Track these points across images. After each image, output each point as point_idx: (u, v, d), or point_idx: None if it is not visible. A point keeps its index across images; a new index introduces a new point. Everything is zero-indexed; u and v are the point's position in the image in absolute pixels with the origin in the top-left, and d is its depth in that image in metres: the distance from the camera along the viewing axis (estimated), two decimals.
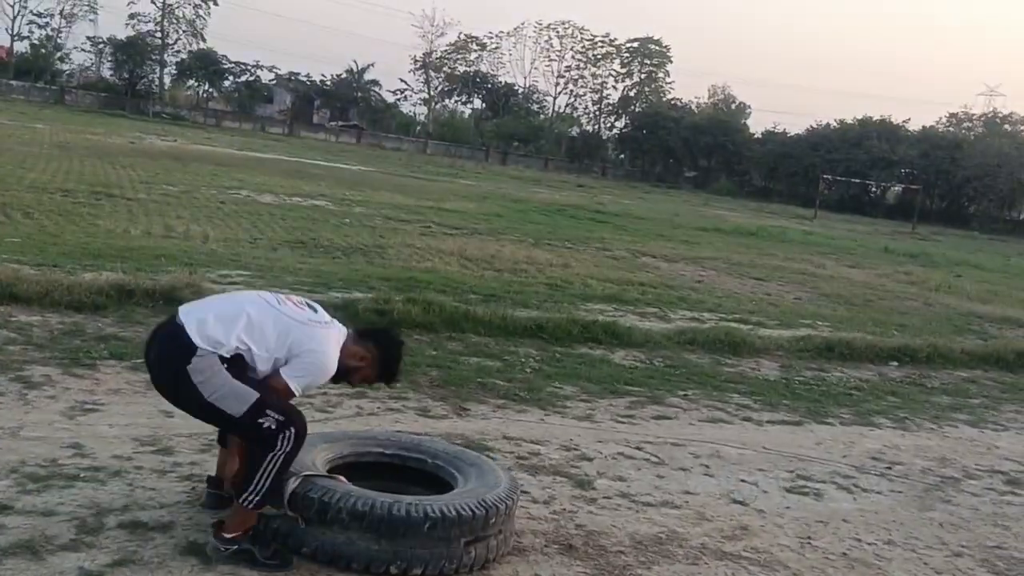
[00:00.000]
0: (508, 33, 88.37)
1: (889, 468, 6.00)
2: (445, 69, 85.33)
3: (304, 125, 74.19)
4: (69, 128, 35.54)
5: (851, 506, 5.18)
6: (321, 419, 5.42)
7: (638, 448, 5.67)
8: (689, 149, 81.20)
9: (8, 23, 70.40)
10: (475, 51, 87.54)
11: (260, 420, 3.52)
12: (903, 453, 6.40)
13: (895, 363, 9.59)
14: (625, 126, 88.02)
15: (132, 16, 73.98)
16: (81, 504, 3.77)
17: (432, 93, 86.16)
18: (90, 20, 74.56)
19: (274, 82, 78.93)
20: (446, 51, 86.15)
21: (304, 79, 79.81)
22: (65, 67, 73.28)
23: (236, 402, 3.52)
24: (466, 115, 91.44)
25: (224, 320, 3.61)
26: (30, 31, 70.44)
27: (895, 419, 7.36)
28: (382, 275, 10.87)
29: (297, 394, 3.67)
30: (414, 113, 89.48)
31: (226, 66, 74.89)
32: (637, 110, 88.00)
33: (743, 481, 5.35)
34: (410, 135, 79.70)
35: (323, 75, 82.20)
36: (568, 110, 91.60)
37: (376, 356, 3.88)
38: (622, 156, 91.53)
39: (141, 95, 70.15)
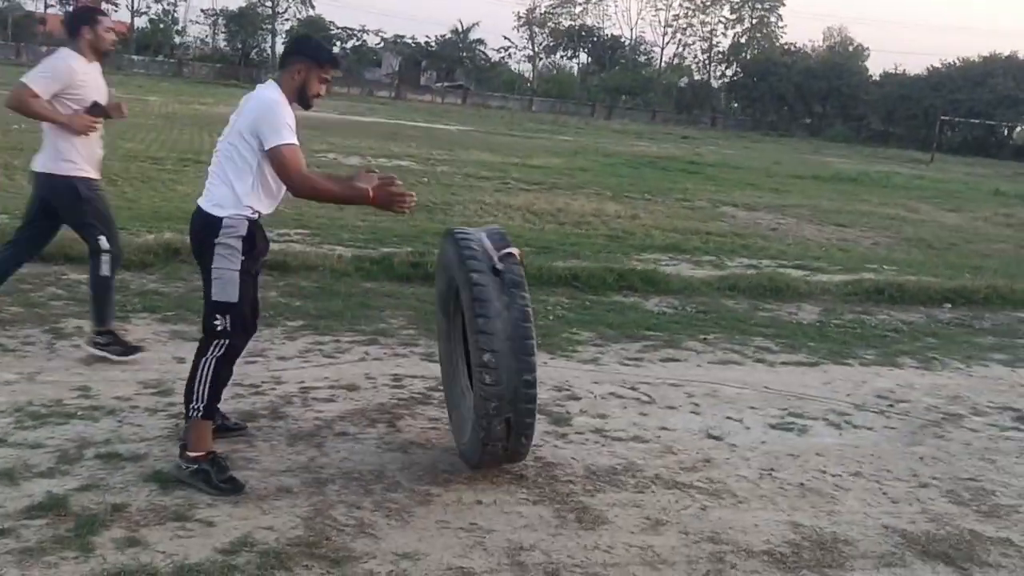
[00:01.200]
0: None
1: (892, 405, 6.01)
2: (549, 24, 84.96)
3: (411, 87, 75.14)
4: (180, 99, 36.95)
5: (833, 441, 5.24)
6: (328, 363, 5.76)
7: (632, 388, 5.83)
8: (802, 95, 79.06)
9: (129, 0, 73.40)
10: (580, 4, 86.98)
11: (218, 316, 3.93)
12: (914, 391, 6.38)
13: (948, 305, 9.42)
14: (734, 74, 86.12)
15: None
16: (69, 438, 4.18)
17: (536, 49, 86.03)
18: None
19: (381, 46, 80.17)
20: (551, 6, 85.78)
21: (409, 41, 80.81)
22: (182, 40, 75.86)
23: (222, 289, 3.93)
24: (572, 70, 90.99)
25: (214, 176, 4.03)
26: (147, 6, 73.20)
27: (922, 359, 7.29)
28: (439, 230, 11.14)
29: (291, 141, 3.91)
30: (520, 70, 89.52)
31: (333, 32, 76.39)
32: (748, 57, 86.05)
33: (729, 418, 5.46)
34: (515, 93, 79.78)
35: (427, 36, 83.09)
36: (676, 60, 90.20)
37: (305, 61, 4.09)
38: (735, 105, 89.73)
39: (254, 64, 72.23)
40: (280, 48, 73.35)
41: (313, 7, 77.06)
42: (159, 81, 55.62)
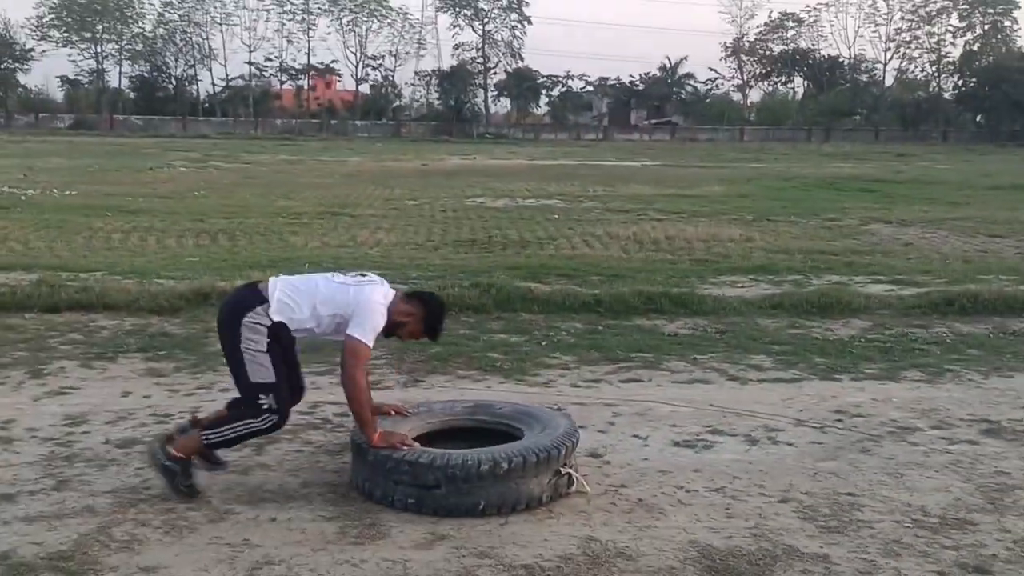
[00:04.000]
0: (827, 4, 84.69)
1: (840, 420, 5.60)
2: (759, 51, 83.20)
3: (620, 128, 75.63)
4: (377, 159, 38.99)
5: (730, 457, 4.96)
6: None
7: (557, 409, 5.72)
8: None
9: (352, 69, 78.54)
10: (792, 28, 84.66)
11: (261, 396, 4.25)
12: (884, 406, 5.89)
13: None
14: (964, 84, 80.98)
15: (456, 47, 79.92)
16: None
17: (746, 78, 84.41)
18: (420, 55, 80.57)
19: (589, 90, 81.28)
20: (760, 32, 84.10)
21: (615, 83, 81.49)
22: (400, 102, 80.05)
23: (257, 370, 4.25)
24: (789, 96, 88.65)
25: (296, 293, 4.34)
26: (366, 74, 78.04)
27: (932, 372, 6.72)
28: (512, 264, 11.31)
29: (369, 343, 4.23)
30: (736, 100, 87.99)
31: (540, 81, 78.32)
32: (982, 65, 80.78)
33: (635, 436, 5.28)
34: (725, 124, 78.52)
35: (631, 76, 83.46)
36: (901, 75, 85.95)
37: (421, 314, 4.45)
38: (974, 118, 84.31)
39: (466, 119, 75.10)
40: (490, 102, 75.99)
41: (522, 59, 79.46)
42: (374, 143, 58.80)
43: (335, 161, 36.63)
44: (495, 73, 79.23)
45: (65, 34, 76.54)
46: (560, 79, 78.91)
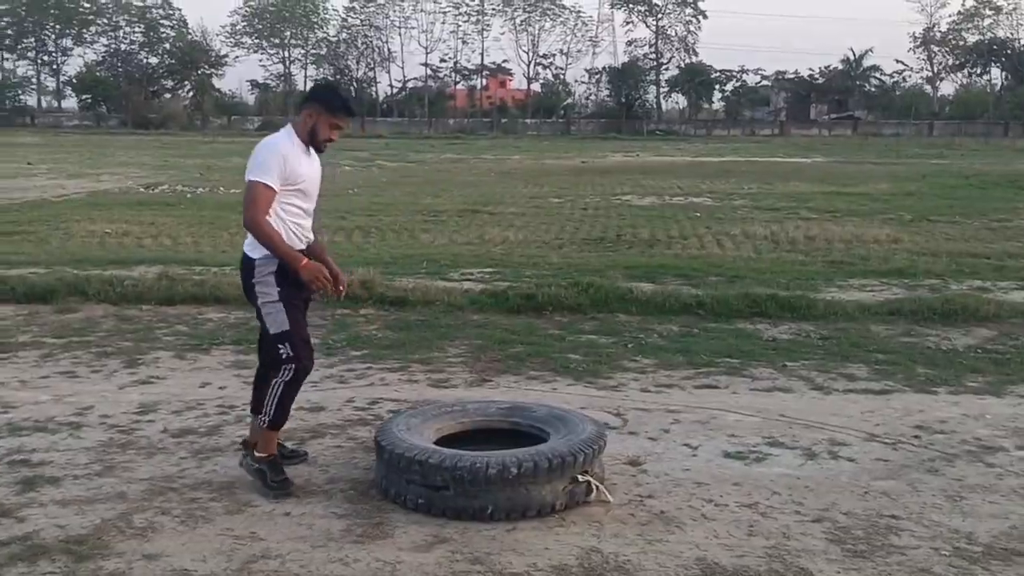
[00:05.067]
0: None
1: (917, 437, 5.21)
2: (951, 41, 78.76)
3: (798, 123, 73.27)
4: (538, 157, 39.20)
5: (778, 472, 4.68)
6: (333, 388, 6.13)
7: (616, 414, 5.58)
8: None
9: (524, 68, 79.38)
10: (988, 16, 79.70)
11: (280, 346, 4.43)
12: (973, 423, 5.44)
13: None
14: None
15: (629, 43, 79.45)
16: (8, 448, 4.92)
17: (936, 70, 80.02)
18: (595, 53, 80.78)
19: (766, 84, 79.16)
20: (953, 21, 79.60)
21: (793, 77, 78.96)
22: (571, 100, 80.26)
23: (274, 323, 4.44)
24: (986, 88, 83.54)
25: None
26: (537, 72, 78.68)
27: None
28: (630, 263, 11.12)
29: (262, 180, 4.25)
30: (927, 93, 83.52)
31: (714, 76, 76.80)
32: None
33: (685, 445, 5.06)
34: (912, 118, 74.73)
35: (811, 69, 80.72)
36: None
37: (316, 107, 4.47)
38: None
39: (637, 116, 74.53)
40: (661, 98, 75.24)
41: (696, 54, 78.22)
42: (541, 140, 59.15)
43: (496, 159, 37.05)
44: (667, 69, 78.43)
45: (256, 40, 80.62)
46: (735, 73, 77.32)
